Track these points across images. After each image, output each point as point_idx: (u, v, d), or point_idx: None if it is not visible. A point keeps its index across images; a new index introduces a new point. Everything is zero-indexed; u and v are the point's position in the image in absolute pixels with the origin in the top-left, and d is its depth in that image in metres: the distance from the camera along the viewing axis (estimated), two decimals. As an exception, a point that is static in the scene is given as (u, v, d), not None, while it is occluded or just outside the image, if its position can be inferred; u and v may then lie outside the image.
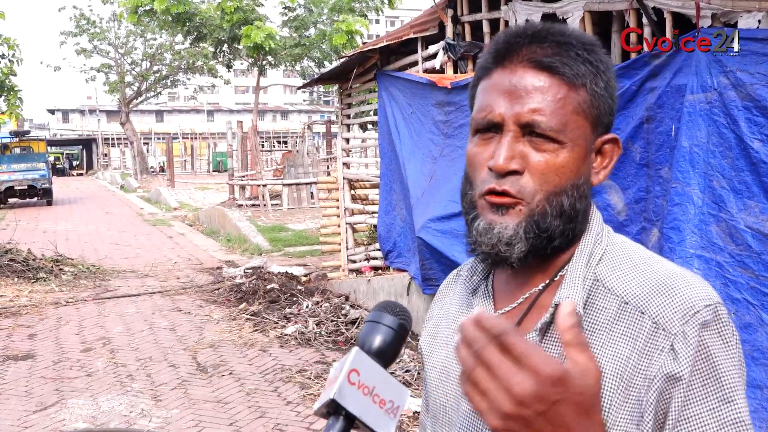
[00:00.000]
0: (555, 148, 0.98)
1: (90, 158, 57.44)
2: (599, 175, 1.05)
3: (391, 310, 0.95)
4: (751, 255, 3.42)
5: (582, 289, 0.99)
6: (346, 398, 0.86)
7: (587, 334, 0.97)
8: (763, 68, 3.45)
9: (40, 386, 6.22)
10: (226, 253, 13.74)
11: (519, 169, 0.98)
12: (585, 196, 1.03)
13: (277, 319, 7.99)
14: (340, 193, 9.22)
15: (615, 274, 1.00)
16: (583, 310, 0.98)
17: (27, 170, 25.61)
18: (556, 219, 0.99)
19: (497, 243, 0.99)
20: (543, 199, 0.99)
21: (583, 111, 1.00)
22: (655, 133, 3.97)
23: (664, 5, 4.24)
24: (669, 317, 0.93)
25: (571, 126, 0.99)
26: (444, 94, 6.17)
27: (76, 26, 35.88)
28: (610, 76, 1.04)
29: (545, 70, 0.99)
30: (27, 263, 11.09)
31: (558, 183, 0.99)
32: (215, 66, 31.40)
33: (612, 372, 0.94)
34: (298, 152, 22.83)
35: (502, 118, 0.99)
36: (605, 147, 1.05)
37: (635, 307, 0.96)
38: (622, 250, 1.04)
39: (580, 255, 1.03)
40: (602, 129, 1.04)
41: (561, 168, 0.99)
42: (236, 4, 18.97)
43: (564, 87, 0.99)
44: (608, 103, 1.04)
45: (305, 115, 64.75)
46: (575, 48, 1.01)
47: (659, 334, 0.93)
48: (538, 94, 0.98)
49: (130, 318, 8.61)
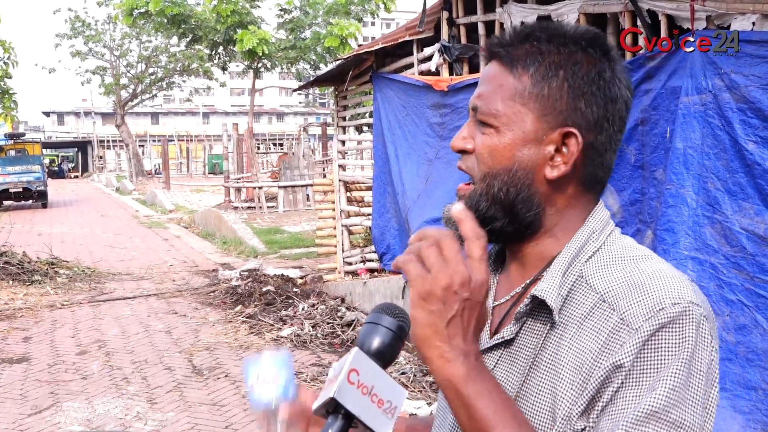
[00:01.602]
0: (491, 131, 1.03)
1: (85, 161, 57.31)
2: (559, 168, 1.01)
3: (390, 311, 0.96)
4: (745, 257, 3.43)
5: (559, 283, 1.00)
6: (345, 397, 0.87)
7: (561, 328, 0.98)
8: (757, 70, 3.46)
9: (35, 389, 6.20)
10: (222, 255, 13.73)
11: (468, 150, 1.06)
12: (524, 186, 1.01)
13: (272, 321, 7.98)
14: (336, 195, 9.22)
15: (600, 272, 1.00)
16: (558, 303, 0.98)
17: (22, 173, 25.52)
18: (486, 201, 1.03)
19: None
20: (480, 179, 1.04)
21: (521, 98, 1.01)
22: (650, 135, 3.98)
23: (659, 7, 4.25)
24: (635, 314, 0.92)
25: (504, 111, 1.02)
26: (440, 96, 6.18)
27: (71, 28, 35.83)
28: (572, 66, 1.01)
29: (494, 57, 1.06)
30: (22, 266, 11.06)
31: (491, 165, 1.02)
32: (210, 68, 31.38)
33: (572, 365, 0.95)
34: (294, 154, 22.83)
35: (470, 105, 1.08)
36: (567, 141, 1.01)
37: (609, 304, 0.95)
38: (618, 250, 1.03)
39: (566, 251, 1.03)
40: (559, 121, 1.01)
41: (492, 150, 1.02)
42: (232, 7, 18.96)
43: (507, 74, 1.03)
44: (567, 96, 1.01)
45: (301, 117, 64.72)
46: (536, 39, 1.03)
47: (622, 330, 0.92)
48: (486, 81, 1.06)
49: (126, 320, 8.60)
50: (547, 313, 1.00)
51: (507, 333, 1.03)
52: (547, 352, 0.99)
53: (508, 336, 1.03)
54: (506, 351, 1.04)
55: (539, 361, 1.00)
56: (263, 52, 18.81)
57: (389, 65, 7.77)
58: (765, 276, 3.35)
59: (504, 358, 1.04)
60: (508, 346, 1.04)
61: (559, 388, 0.95)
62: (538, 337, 1.01)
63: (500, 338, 1.04)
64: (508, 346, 1.04)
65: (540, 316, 1.01)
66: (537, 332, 1.01)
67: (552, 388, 0.97)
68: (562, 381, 0.95)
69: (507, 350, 1.04)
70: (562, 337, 0.98)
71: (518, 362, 1.02)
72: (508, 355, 1.03)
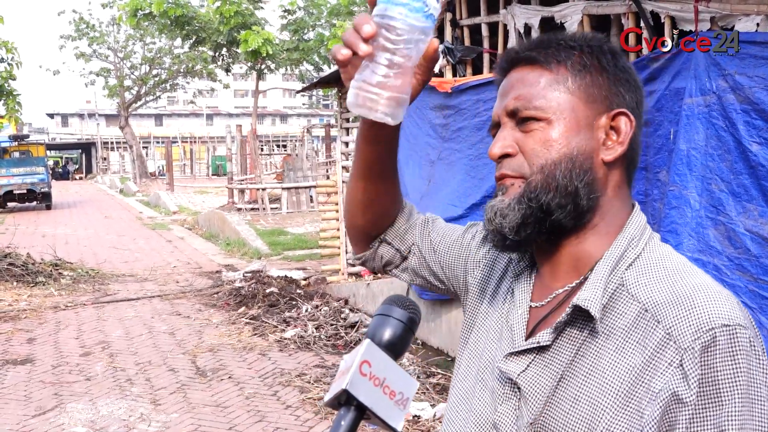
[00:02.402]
0: (541, 125, 1.04)
1: (89, 162, 57.42)
2: (615, 150, 1.05)
3: (401, 303, 0.97)
4: (749, 258, 3.42)
5: (602, 292, 0.99)
6: (357, 389, 0.87)
7: (603, 337, 0.97)
8: (761, 71, 3.45)
9: (39, 390, 6.21)
10: (226, 256, 13.73)
11: (511, 153, 1.05)
12: (586, 170, 1.03)
13: (276, 322, 7.98)
14: (340, 196, 9.22)
15: (642, 280, 0.99)
16: (600, 313, 0.98)
17: (26, 174, 25.57)
18: (549, 192, 1.02)
19: (493, 216, 1.04)
20: (537, 172, 1.03)
21: (566, 88, 1.04)
22: (654, 136, 3.98)
23: (663, 9, 4.25)
24: (682, 330, 0.91)
25: (552, 101, 1.04)
26: (443, 97, 6.18)
27: (75, 30, 35.90)
28: (602, 57, 1.07)
29: (527, 63, 1.07)
30: (26, 267, 11.08)
31: (548, 156, 1.03)
32: (214, 70, 31.41)
33: (619, 378, 0.94)
34: (298, 156, 22.84)
35: (498, 116, 1.09)
36: (617, 122, 1.06)
37: (653, 316, 0.95)
38: (659, 258, 1.03)
39: (608, 257, 1.02)
40: (606, 105, 1.06)
41: (548, 141, 1.03)
42: (235, 8, 18.99)
43: (543, 71, 1.06)
44: (607, 82, 1.06)
45: (304, 118, 64.83)
46: (557, 39, 1.08)
47: (669, 346, 0.92)
48: (519, 84, 1.07)
49: (130, 322, 8.61)
50: (585, 321, 0.99)
51: (543, 339, 1.02)
52: (585, 361, 0.98)
53: (545, 342, 1.02)
54: (539, 355, 1.03)
55: (576, 368, 0.99)
56: (267, 52, 18.84)
57: (393, 67, 7.76)
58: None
59: (536, 361, 1.03)
60: (542, 351, 1.03)
61: (601, 400, 0.95)
62: (574, 344, 1.00)
63: (535, 343, 1.03)
64: (543, 351, 1.03)
65: (578, 323, 1.00)
66: (574, 339, 1.00)
67: (591, 398, 0.95)
68: (605, 393, 0.95)
69: (540, 355, 1.03)
70: (603, 347, 0.97)
71: (551, 367, 1.01)
72: (541, 360, 1.03)
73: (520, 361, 1.03)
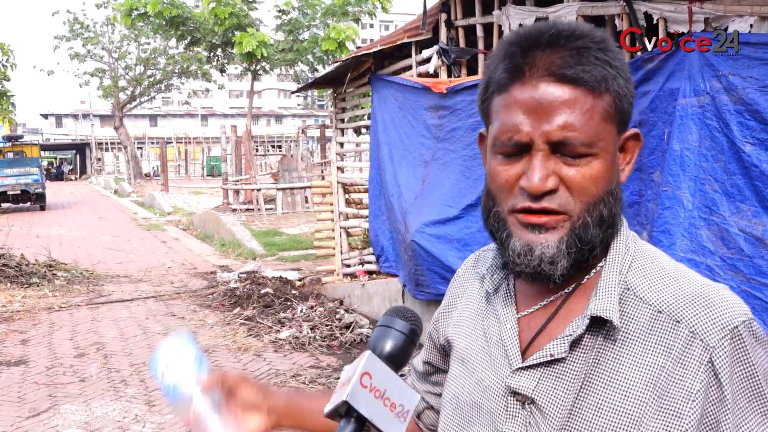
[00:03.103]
0: (588, 160, 0.96)
1: (83, 163, 57.29)
2: (625, 171, 1.04)
3: (402, 315, 0.96)
4: (742, 258, 3.43)
5: (617, 299, 0.98)
6: (358, 400, 0.87)
7: (619, 343, 0.97)
8: (755, 72, 3.46)
9: (33, 392, 6.19)
10: (220, 257, 13.72)
11: (554, 188, 0.96)
12: (619, 199, 1.01)
13: (271, 323, 7.98)
14: (335, 197, 9.22)
15: (646, 282, 0.99)
16: (620, 321, 0.97)
17: (20, 175, 25.53)
18: (596, 228, 0.97)
19: (540, 264, 0.97)
20: (583, 210, 0.96)
21: (610, 116, 0.98)
22: (648, 137, 3.98)
23: (656, 9, 4.26)
24: (706, 327, 0.92)
25: (601, 135, 0.96)
26: (438, 98, 6.18)
27: (69, 30, 35.82)
28: (626, 70, 1.01)
29: (569, 82, 0.95)
30: (20, 268, 11.05)
31: (595, 193, 0.97)
32: (209, 70, 31.37)
33: (645, 381, 0.94)
34: (293, 156, 22.84)
35: (531, 138, 0.96)
36: (628, 143, 1.04)
37: (670, 316, 0.95)
38: (650, 258, 1.03)
39: (612, 262, 1.01)
40: (624, 126, 1.03)
41: (596, 178, 0.96)
42: (230, 9, 18.96)
43: (590, 96, 0.95)
44: (629, 100, 1.01)
45: (299, 119, 64.71)
46: (592, 51, 0.97)
47: (696, 344, 0.92)
48: (565, 108, 0.94)
49: (124, 323, 8.59)
50: (598, 328, 0.98)
51: (557, 351, 0.99)
52: (604, 369, 0.96)
53: (560, 355, 0.98)
54: (549, 368, 1.00)
55: (594, 377, 0.97)
56: (262, 54, 18.82)
57: (388, 67, 7.77)
58: (761, 278, 3.35)
59: (548, 375, 1.00)
60: (551, 364, 0.99)
61: (626, 406, 0.94)
62: (590, 353, 0.98)
63: (548, 356, 0.99)
64: (553, 363, 0.99)
65: (591, 331, 0.98)
66: (589, 348, 0.98)
67: (615, 405, 0.94)
68: (631, 398, 0.94)
69: (551, 367, 1.00)
70: (621, 353, 0.96)
71: (566, 379, 0.98)
72: (552, 372, 0.99)
73: (530, 376, 1.00)
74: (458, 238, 5.70)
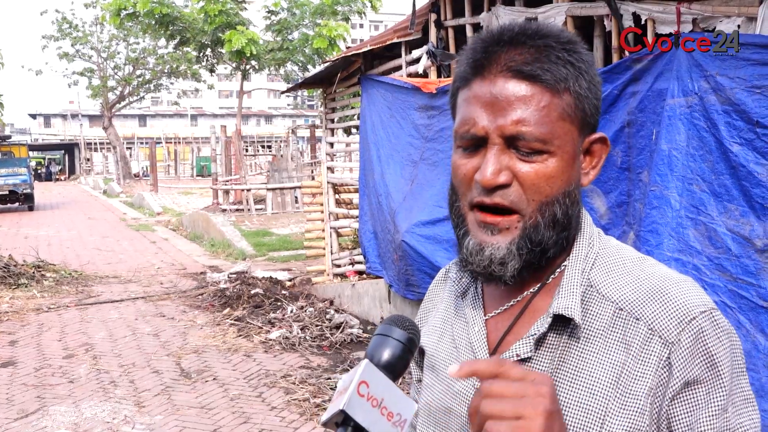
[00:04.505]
0: (543, 157, 0.95)
1: (72, 163, 57.03)
2: (589, 175, 1.03)
3: (400, 324, 0.95)
4: (729, 258, 3.45)
5: (579, 297, 0.98)
6: (355, 409, 0.86)
7: (582, 341, 0.97)
8: (742, 72, 3.48)
9: (21, 393, 6.16)
10: (210, 258, 13.68)
11: (507, 182, 0.95)
12: (576, 202, 1.00)
13: (261, 324, 7.96)
14: (325, 197, 9.21)
15: (609, 279, 0.99)
16: (582, 319, 0.97)
17: (8, 175, 25.38)
18: (549, 230, 0.97)
19: (489, 264, 0.97)
20: (535, 210, 0.96)
21: (569, 115, 0.97)
22: (637, 137, 4.00)
23: (645, 10, 4.28)
24: (664, 324, 0.93)
25: (557, 133, 0.95)
26: (427, 98, 6.19)
27: (58, 30, 35.67)
28: (592, 73, 1.00)
29: (526, 78, 0.95)
30: (8, 269, 10.99)
31: (549, 193, 0.96)
32: (198, 70, 31.28)
33: (608, 379, 0.94)
34: (282, 157, 22.81)
35: (486, 132, 0.96)
36: (594, 147, 1.03)
37: (630, 314, 0.95)
38: (614, 254, 1.03)
39: (575, 261, 1.01)
40: (589, 129, 1.01)
41: (551, 177, 0.96)
42: (219, 7, 18.92)
43: (547, 94, 0.95)
44: (593, 103, 1.00)
45: (289, 119, 64.68)
46: (555, 50, 0.96)
47: (654, 341, 0.93)
48: (520, 104, 0.95)
49: (113, 324, 8.55)
50: (562, 326, 0.98)
51: (523, 351, 0.99)
52: (569, 366, 0.97)
53: (525, 355, 0.99)
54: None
55: (560, 375, 0.97)
56: (251, 52, 18.78)
57: (377, 67, 7.77)
58: (748, 277, 3.37)
59: None
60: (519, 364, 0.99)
61: (591, 403, 0.94)
62: (554, 352, 0.98)
63: (514, 356, 0.99)
64: (521, 363, 0.99)
65: (555, 329, 0.99)
66: (554, 347, 0.99)
67: (581, 402, 0.95)
68: (596, 395, 0.94)
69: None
70: (585, 351, 0.96)
71: None
72: None
73: None
74: (447, 239, 5.70)
